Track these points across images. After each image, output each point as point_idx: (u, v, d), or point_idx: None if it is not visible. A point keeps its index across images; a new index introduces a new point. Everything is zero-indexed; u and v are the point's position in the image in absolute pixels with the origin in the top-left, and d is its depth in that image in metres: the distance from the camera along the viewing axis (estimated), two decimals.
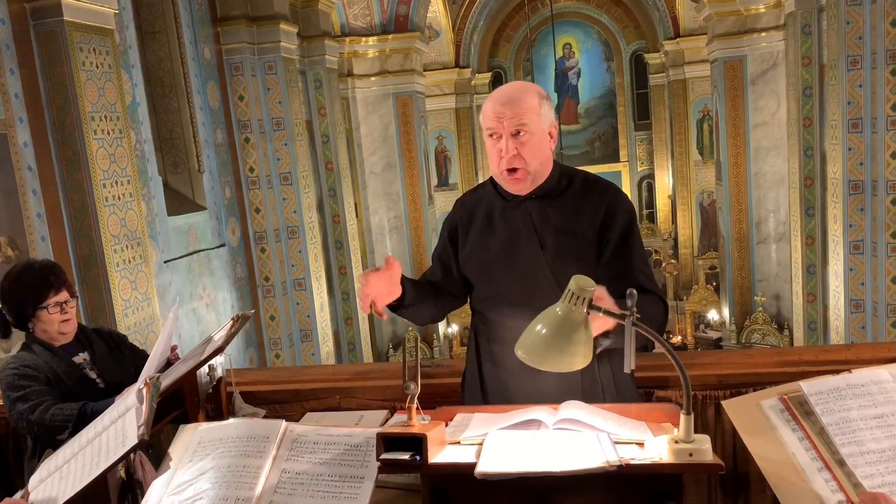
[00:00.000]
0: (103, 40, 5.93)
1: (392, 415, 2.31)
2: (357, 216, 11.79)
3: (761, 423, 1.40)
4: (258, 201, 8.72)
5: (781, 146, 10.58)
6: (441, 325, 13.65)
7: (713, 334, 13.86)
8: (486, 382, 2.08)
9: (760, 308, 11.42)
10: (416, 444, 1.37)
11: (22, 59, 5.46)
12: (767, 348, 8.14)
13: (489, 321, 2.07)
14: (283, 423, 1.53)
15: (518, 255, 2.00)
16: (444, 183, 16.56)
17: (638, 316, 1.33)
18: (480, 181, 16.61)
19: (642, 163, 18.18)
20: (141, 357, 2.60)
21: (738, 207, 11.50)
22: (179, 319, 7.32)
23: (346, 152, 11.07)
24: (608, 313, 1.39)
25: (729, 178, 11.38)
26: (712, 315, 13.92)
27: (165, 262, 7.16)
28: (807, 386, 1.43)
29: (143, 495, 1.69)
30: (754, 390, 1.87)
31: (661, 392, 2.44)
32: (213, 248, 8.08)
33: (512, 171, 1.95)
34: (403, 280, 1.99)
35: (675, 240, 16.59)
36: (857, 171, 7.37)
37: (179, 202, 7.76)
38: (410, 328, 12.94)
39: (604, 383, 1.97)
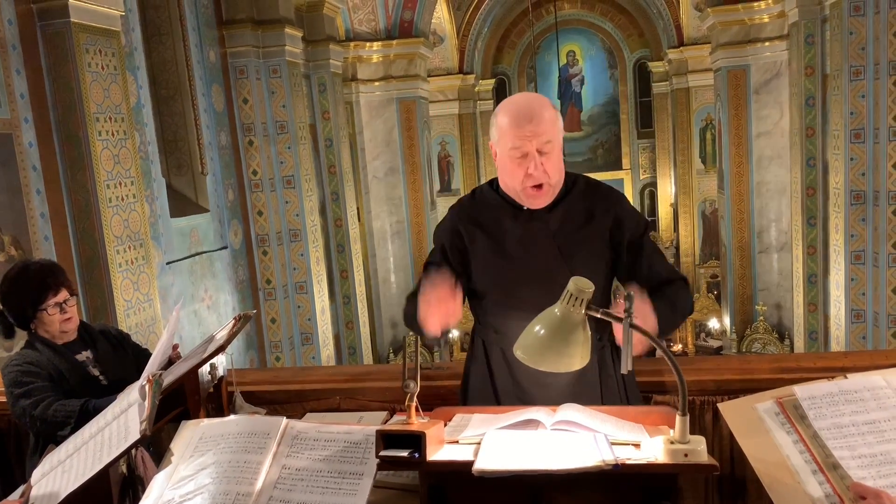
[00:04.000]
0: (109, 42, 5.97)
1: (392, 416, 2.33)
2: (359, 220, 11.81)
3: (756, 426, 1.42)
4: (261, 204, 8.75)
5: (784, 156, 10.60)
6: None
7: (714, 343, 13.85)
8: (500, 392, 2.07)
9: (761, 317, 11.41)
10: (415, 442, 1.38)
11: (28, 60, 5.49)
12: (766, 355, 8.15)
13: (506, 328, 2.04)
14: (284, 420, 1.55)
15: (537, 264, 1.99)
16: (446, 188, 16.60)
17: (634, 317, 1.35)
18: None
19: (645, 171, 18.20)
20: (143, 355, 2.62)
21: (740, 216, 11.51)
22: (181, 321, 7.34)
23: (349, 156, 11.11)
24: (606, 314, 1.40)
25: (731, 187, 11.40)
26: (713, 324, 13.91)
27: (168, 263, 7.18)
28: (800, 391, 1.45)
29: (143, 491, 1.70)
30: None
31: (660, 397, 2.46)
32: (215, 251, 8.10)
33: (537, 186, 1.95)
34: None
35: (677, 248, 16.60)
36: (860, 182, 7.39)
37: (182, 204, 7.79)
38: (411, 332, 12.94)
39: (628, 393, 1.99)
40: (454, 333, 14.43)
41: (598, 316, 1.41)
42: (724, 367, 2.52)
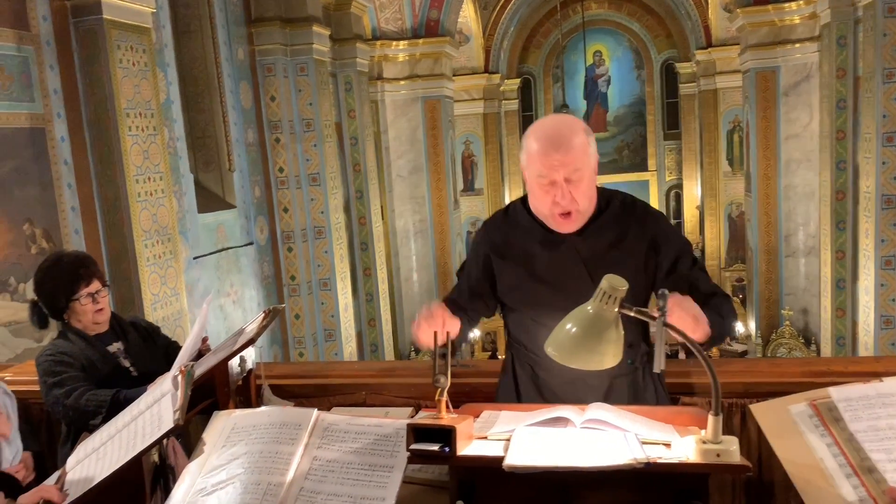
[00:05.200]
0: (140, 39, 6.04)
1: (417, 412, 2.33)
2: (382, 219, 11.85)
3: (789, 428, 1.40)
4: (286, 201, 8.81)
5: (813, 159, 10.46)
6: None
7: (738, 347, 13.70)
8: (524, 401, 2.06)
9: (787, 322, 11.27)
10: (446, 436, 1.38)
11: (61, 56, 5.58)
12: (795, 358, 8.03)
13: (535, 347, 2.03)
14: (315, 412, 1.56)
15: (567, 289, 1.94)
16: (470, 188, 16.58)
17: (667, 318, 1.34)
18: (506, 187, 16.53)
19: (671, 172, 18.05)
20: (173, 348, 2.65)
21: (767, 220, 11.37)
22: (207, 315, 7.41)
23: (374, 155, 11.14)
24: (640, 312, 1.40)
25: (759, 190, 11.26)
26: (738, 328, 13.76)
27: (194, 258, 7.26)
28: (836, 392, 1.43)
29: (174, 480, 1.73)
30: None
31: (687, 398, 2.44)
32: (241, 246, 8.18)
33: (565, 214, 1.92)
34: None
35: (703, 251, 16.44)
36: (891, 186, 7.28)
37: (209, 200, 7.87)
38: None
39: (657, 397, 1.98)
40: (475, 333, 14.43)
41: (632, 314, 1.40)
42: (753, 370, 2.50)
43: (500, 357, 14.11)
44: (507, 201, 19.58)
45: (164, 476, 1.72)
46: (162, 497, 1.72)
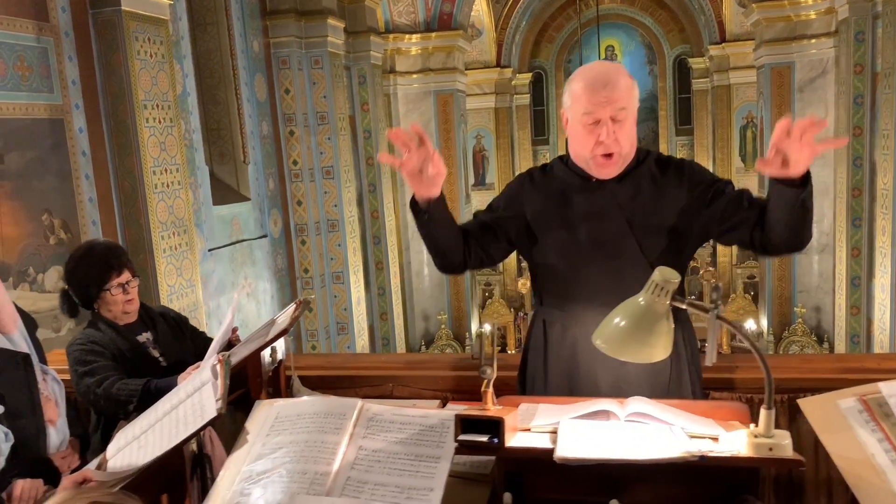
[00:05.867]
0: (158, 30, 6.05)
1: (444, 405, 2.33)
2: (395, 213, 11.84)
3: (839, 423, 1.39)
4: (300, 194, 8.81)
5: (828, 155, 10.35)
6: (474, 324, 13.65)
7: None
8: (550, 372, 2.04)
9: (800, 319, 11.21)
10: (492, 428, 1.38)
11: (80, 47, 5.59)
12: (827, 354, 7.97)
13: (569, 305, 2.02)
14: (359, 402, 1.56)
15: (606, 236, 1.97)
16: (481, 182, 16.55)
17: (722, 309, 1.33)
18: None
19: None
20: (201, 338, 2.66)
21: None
22: (220, 307, 7.43)
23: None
24: (692, 305, 1.39)
25: None
26: (749, 325, 13.70)
27: (209, 250, 7.27)
28: (886, 388, 1.42)
29: (211, 469, 1.73)
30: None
31: (717, 393, 2.43)
32: (255, 239, 8.19)
33: (608, 155, 1.93)
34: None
35: (714, 247, 16.37)
36: None
37: (224, 192, 7.88)
38: (443, 325, 12.96)
39: (691, 378, 1.97)
40: (486, 327, 14.42)
41: (684, 307, 1.39)
42: (784, 366, 2.48)
43: (509, 352, 14.09)
44: None
45: (201, 465, 1.73)
46: (199, 485, 1.72)
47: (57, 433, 2.02)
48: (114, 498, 0.97)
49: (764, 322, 12.21)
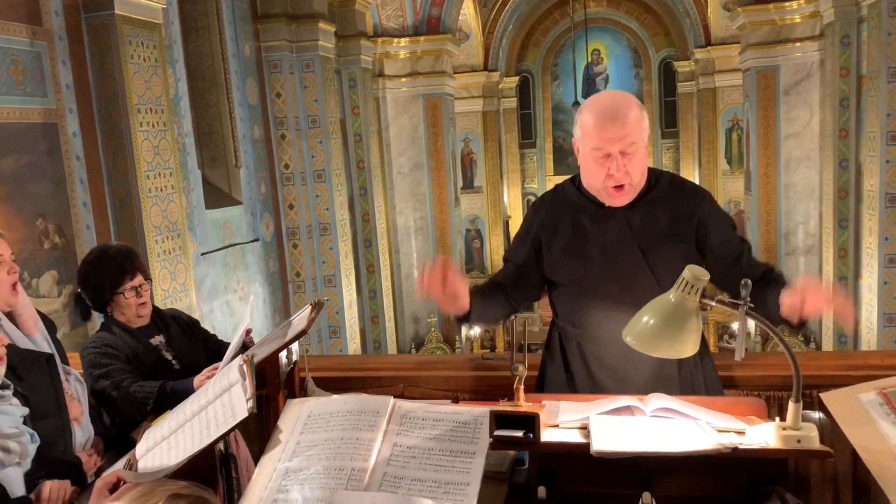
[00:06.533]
0: (151, 34, 6.04)
1: (456, 404, 2.35)
2: (386, 216, 11.86)
3: (861, 415, 1.43)
4: (292, 197, 8.81)
5: (813, 157, 10.52)
6: (464, 327, 13.67)
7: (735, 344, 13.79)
8: (578, 383, 2.08)
9: None
10: (525, 423, 1.41)
11: (73, 51, 5.57)
12: (832, 352, 8.06)
13: (583, 324, 2.06)
14: (392, 399, 1.58)
15: (618, 262, 2.00)
16: (469, 185, 16.59)
17: (751, 305, 1.37)
18: (505, 185, 16.53)
19: (669, 170, 18.09)
20: (212, 341, 2.67)
21: (767, 218, 11.41)
22: (213, 311, 7.42)
23: (378, 152, 11.15)
24: (721, 302, 1.42)
25: (758, 189, 11.32)
26: (736, 326, 13.84)
27: (202, 254, 7.25)
28: None
29: (237, 469, 1.74)
30: (818, 392, 1.91)
31: (728, 391, 2.47)
32: (247, 243, 8.18)
33: (618, 187, 1.96)
34: (469, 292, 1.98)
35: None
36: (895, 184, 7.34)
37: (216, 196, 7.86)
38: (433, 328, 12.99)
39: (704, 381, 2.00)
40: (476, 331, 14.44)
41: (714, 304, 1.43)
42: (789, 364, 2.53)
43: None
44: (506, 199, 19.41)
45: (227, 465, 1.74)
46: (224, 486, 1.73)
47: (82, 431, 2.03)
48: (192, 490, 0.99)
49: (751, 322, 12.31)
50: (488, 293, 2.14)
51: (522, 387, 1.48)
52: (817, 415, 2.20)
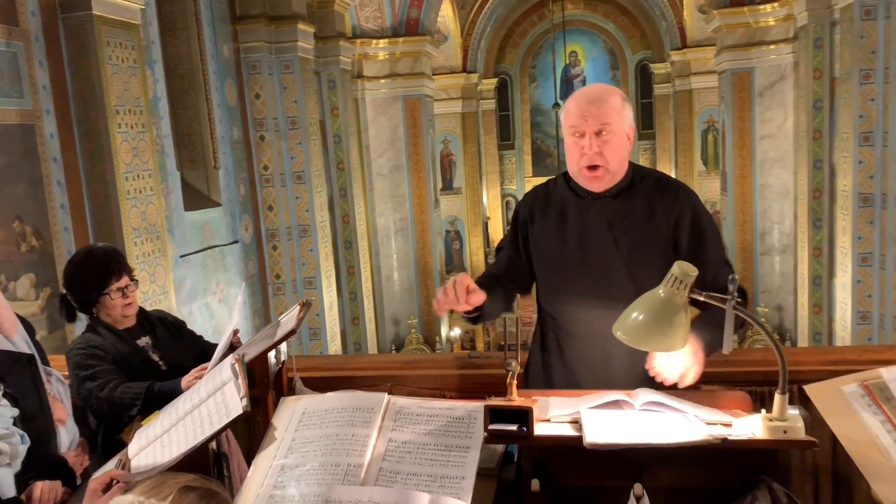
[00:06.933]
0: (129, 35, 5.99)
1: None
2: (366, 217, 11.85)
3: (844, 407, 1.47)
4: (271, 199, 8.78)
5: (787, 158, 10.69)
6: (444, 328, 13.70)
7: None
8: (554, 374, 2.12)
9: (763, 318, 11.45)
10: (518, 418, 1.43)
11: (50, 52, 5.51)
12: (811, 347, 8.17)
13: (560, 314, 2.11)
14: (386, 396, 1.59)
15: (592, 253, 2.04)
16: (448, 187, 16.63)
17: (738, 300, 1.40)
18: (484, 186, 16.58)
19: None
20: (199, 342, 2.67)
21: (743, 218, 11.57)
22: (192, 314, 7.36)
23: (357, 153, 11.14)
24: (710, 297, 1.45)
25: (734, 189, 11.47)
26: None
27: (181, 256, 7.20)
28: (887, 373, 1.50)
29: (229, 468, 1.75)
30: (799, 387, 1.96)
31: (706, 386, 2.51)
32: (226, 245, 8.13)
33: (592, 168, 1.99)
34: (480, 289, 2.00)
35: None
36: (868, 184, 7.48)
37: (195, 198, 7.81)
38: (413, 330, 12.99)
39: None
40: (456, 331, 14.49)
41: (702, 299, 1.46)
42: (770, 360, 2.56)
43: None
44: (485, 201, 19.40)
45: (219, 464, 1.74)
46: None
47: (67, 433, 2.02)
48: (202, 483, 0.99)
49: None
50: (492, 291, 2.14)
51: (515, 382, 1.50)
52: (796, 410, 2.25)
